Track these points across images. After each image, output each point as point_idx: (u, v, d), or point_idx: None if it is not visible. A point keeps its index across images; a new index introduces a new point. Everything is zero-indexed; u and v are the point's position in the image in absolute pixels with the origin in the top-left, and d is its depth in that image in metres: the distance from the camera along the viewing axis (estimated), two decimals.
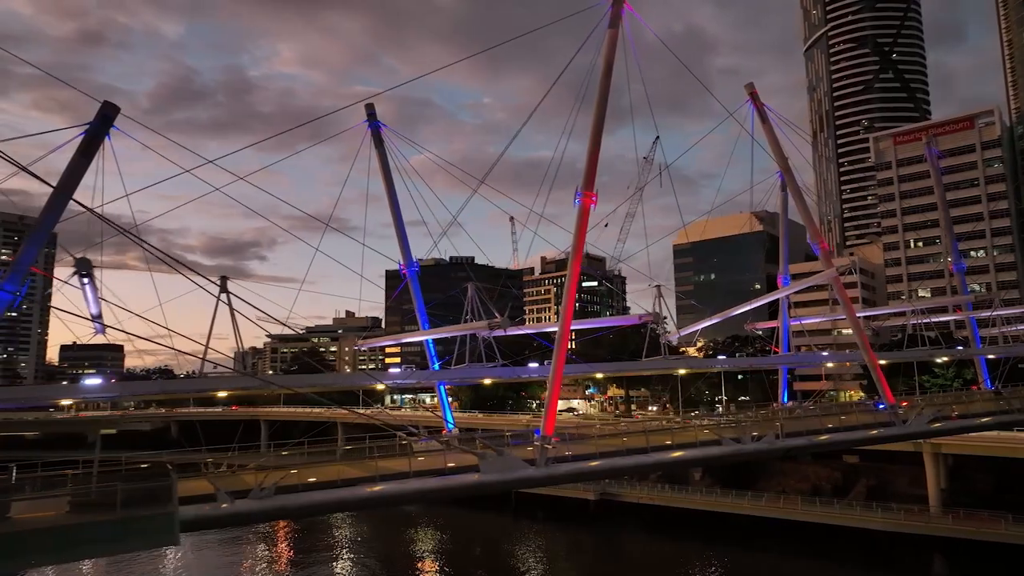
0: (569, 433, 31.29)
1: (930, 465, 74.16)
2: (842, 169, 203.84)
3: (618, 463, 28.87)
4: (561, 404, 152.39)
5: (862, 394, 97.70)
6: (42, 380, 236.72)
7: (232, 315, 34.60)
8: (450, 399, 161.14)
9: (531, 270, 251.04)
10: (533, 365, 38.01)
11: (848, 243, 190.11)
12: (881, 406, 39.98)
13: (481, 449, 24.72)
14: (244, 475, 24.66)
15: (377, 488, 23.10)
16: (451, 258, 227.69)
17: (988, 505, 67.41)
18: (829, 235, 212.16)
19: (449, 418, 37.27)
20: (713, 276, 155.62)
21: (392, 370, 34.93)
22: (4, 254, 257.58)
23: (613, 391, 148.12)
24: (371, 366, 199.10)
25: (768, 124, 40.94)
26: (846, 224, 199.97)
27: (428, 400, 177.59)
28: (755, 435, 31.57)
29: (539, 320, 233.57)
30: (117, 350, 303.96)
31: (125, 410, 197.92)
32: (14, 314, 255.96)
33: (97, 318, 31.57)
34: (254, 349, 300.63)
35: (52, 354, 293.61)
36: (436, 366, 37.34)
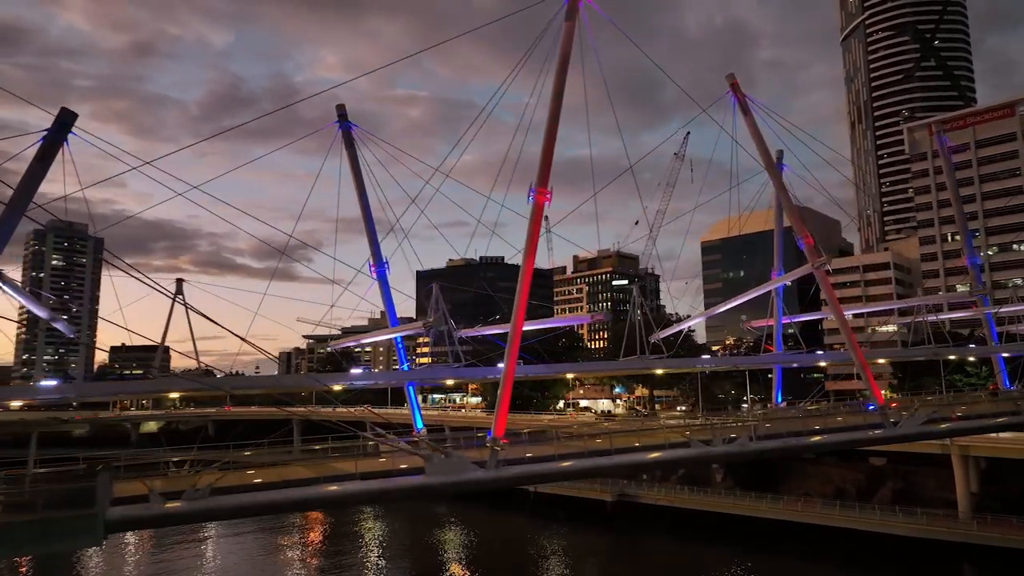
0: (527, 434, 30.87)
1: (959, 468, 71.08)
2: (881, 161, 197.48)
3: (575, 465, 28.28)
4: (587, 404, 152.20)
5: (891, 394, 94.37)
6: (91, 380, 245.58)
7: (188, 316, 34.68)
8: (478, 399, 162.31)
9: (563, 269, 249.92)
10: (499, 366, 37.54)
11: (888, 238, 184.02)
12: (871, 407, 38.37)
13: (428, 451, 24.53)
14: (188, 477, 24.94)
15: (317, 489, 23.14)
16: (481, 258, 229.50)
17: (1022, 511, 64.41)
18: (869, 230, 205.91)
19: (418, 419, 37.19)
20: (742, 273, 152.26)
21: (353, 371, 34.88)
22: (55, 259, 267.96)
23: (640, 391, 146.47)
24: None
25: (750, 116, 39.65)
26: (886, 218, 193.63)
27: (458, 399, 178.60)
28: (733, 437, 30.53)
29: None
30: (164, 351, 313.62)
31: (168, 409, 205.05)
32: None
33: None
34: (297, 350, 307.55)
35: (103, 355, 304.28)
36: (405, 367, 37.28)
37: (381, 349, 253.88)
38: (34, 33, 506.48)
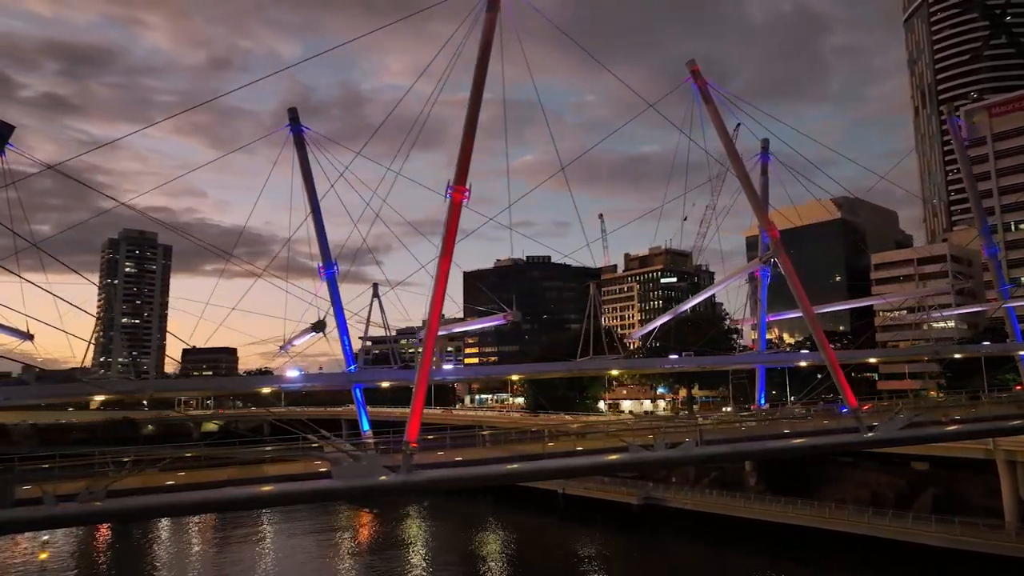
0: (451, 439, 30.17)
1: (1005, 474, 66.14)
2: (947, 147, 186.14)
3: (493, 470, 27.35)
4: (630, 404, 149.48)
5: (939, 394, 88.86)
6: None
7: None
8: (518, 399, 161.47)
9: (614, 267, 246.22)
10: (447, 367, 36.98)
11: (957, 228, 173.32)
12: (844, 410, 35.71)
13: (336, 454, 24.24)
14: (130, 476, 25.46)
15: (220, 492, 23.25)
16: (528, 257, 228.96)
17: None
18: (934, 220, 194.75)
19: (364, 421, 36.99)
20: None
21: (289, 373, 34.93)
22: (128, 266, 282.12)
23: (684, 392, 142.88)
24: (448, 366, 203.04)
25: (712, 104, 37.44)
26: (952, 208, 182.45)
27: (512, 400, 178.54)
28: (676, 442, 28.84)
29: (621, 319, 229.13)
30: (231, 352, 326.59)
31: (230, 408, 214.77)
32: (137, 320, 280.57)
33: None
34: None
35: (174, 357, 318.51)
36: (352, 368, 37.13)
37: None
38: (120, 54, 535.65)
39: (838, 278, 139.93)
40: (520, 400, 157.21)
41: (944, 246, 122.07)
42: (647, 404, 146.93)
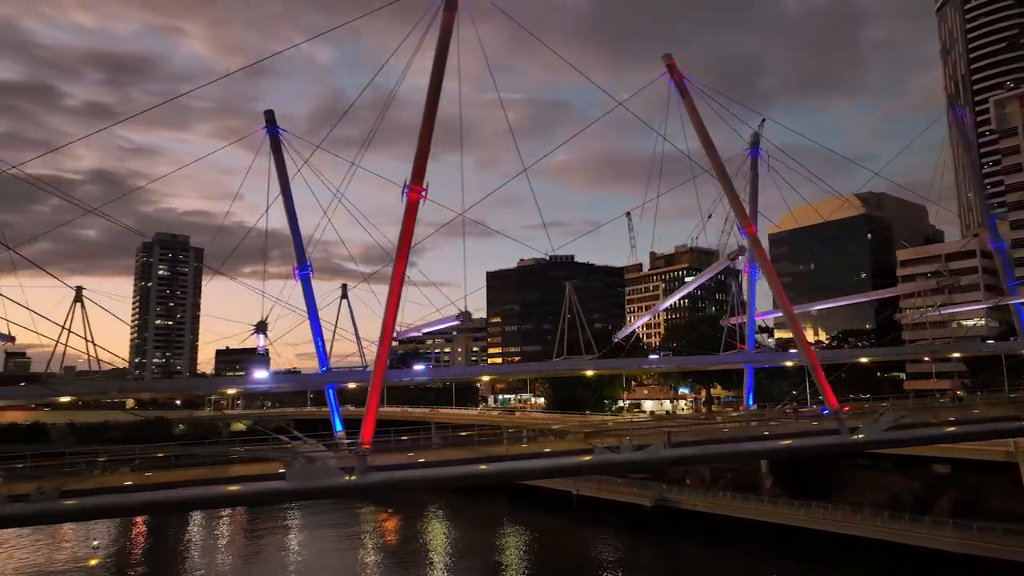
0: (399, 441, 29.97)
1: None
2: (982, 139, 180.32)
3: (447, 472, 27.08)
4: (651, 404, 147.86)
5: (962, 394, 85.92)
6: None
7: (85, 323, 35.42)
8: (540, 399, 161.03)
9: (639, 266, 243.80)
10: (418, 367, 36.87)
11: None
12: (826, 411, 34.49)
13: (290, 456, 24.32)
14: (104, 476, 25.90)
15: (170, 493, 23.54)
16: (551, 257, 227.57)
17: None
18: (970, 215, 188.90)
19: (336, 422, 37.01)
20: (812, 266, 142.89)
21: (255, 375, 34.99)
22: (161, 269, 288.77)
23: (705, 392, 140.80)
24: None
25: (689, 98, 36.42)
26: (989, 201, 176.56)
27: (533, 400, 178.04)
28: (644, 444, 28.19)
29: None
30: (264, 352, 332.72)
31: (260, 408, 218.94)
32: (170, 322, 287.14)
33: None
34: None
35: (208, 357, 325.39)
36: (324, 369, 37.17)
37: (459, 350, 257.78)
38: (159, 63, 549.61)
39: (863, 275, 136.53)
40: (541, 400, 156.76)
41: (975, 241, 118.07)
42: (667, 404, 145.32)
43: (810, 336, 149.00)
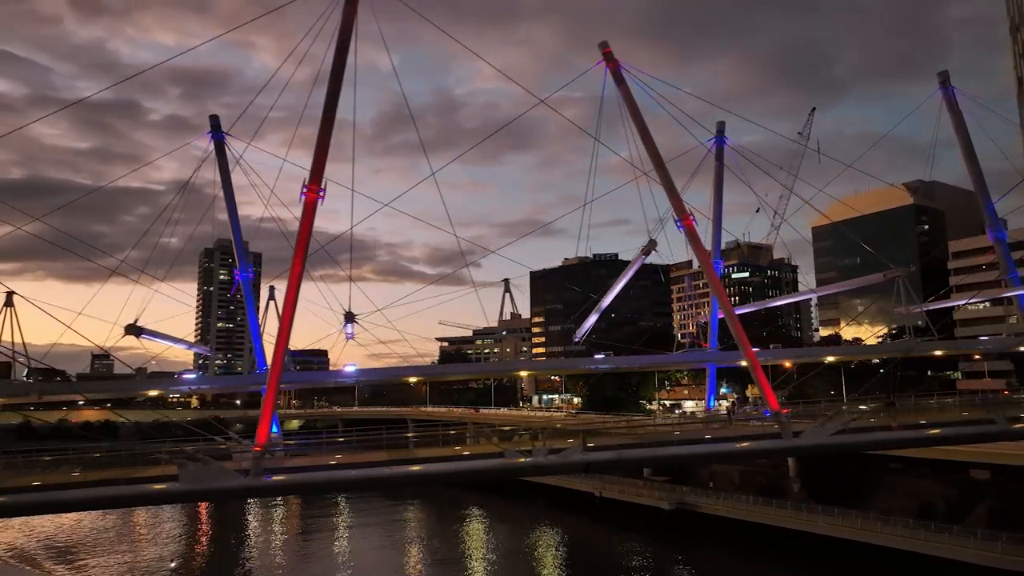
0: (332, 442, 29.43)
1: None
2: None
3: (344, 475, 26.50)
4: (691, 404, 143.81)
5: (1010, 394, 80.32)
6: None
7: (13, 330, 35.71)
8: (571, 399, 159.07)
9: (689, 263, 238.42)
10: (349, 368, 36.41)
11: None
12: (768, 413, 31.95)
13: (185, 459, 24.37)
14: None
15: (74, 493, 24.12)
16: (594, 255, 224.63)
17: None
18: None
19: (275, 424, 36.74)
20: (858, 260, 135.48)
21: (185, 376, 35.05)
22: (222, 274, 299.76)
23: (752, 391, 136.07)
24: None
25: (625, 86, 34.36)
26: None
27: (574, 400, 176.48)
28: (559, 448, 26.78)
29: (698, 316, 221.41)
30: (322, 355, 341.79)
31: (313, 408, 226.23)
32: (231, 325, 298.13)
33: None
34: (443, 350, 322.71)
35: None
36: (262, 369, 37.11)
37: (508, 350, 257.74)
38: (233, 76, 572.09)
39: (912, 268, 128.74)
40: (577, 400, 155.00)
41: None
42: (690, 404, 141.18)
43: (858, 333, 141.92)
